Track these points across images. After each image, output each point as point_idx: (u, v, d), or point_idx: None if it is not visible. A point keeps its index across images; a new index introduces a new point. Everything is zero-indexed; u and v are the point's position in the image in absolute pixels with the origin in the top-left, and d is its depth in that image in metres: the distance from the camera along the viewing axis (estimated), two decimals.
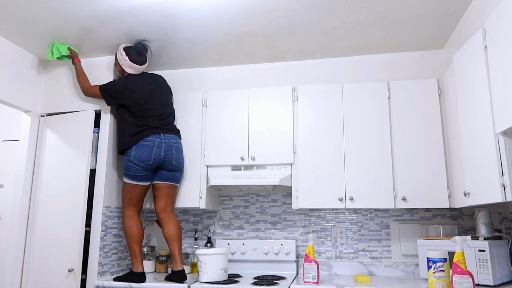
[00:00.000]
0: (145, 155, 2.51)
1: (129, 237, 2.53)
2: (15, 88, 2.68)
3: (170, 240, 2.50)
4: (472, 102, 1.97)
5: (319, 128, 2.65)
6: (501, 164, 1.71)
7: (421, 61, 2.82)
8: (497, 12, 1.69)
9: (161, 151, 2.54)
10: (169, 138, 2.60)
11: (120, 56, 2.65)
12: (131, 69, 2.68)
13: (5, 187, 3.30)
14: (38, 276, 2.56)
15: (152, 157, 2.52)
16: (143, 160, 2.51)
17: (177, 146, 2.63)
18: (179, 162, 2.63)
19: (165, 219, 2.56)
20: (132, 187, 2.57)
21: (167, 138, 2.58)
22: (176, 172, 2.64)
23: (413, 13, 2.33)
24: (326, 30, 2.54)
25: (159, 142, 2.55)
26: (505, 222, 2.46)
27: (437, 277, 1.94)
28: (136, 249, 2.52)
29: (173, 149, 2.59)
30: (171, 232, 2.51)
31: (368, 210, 2.82)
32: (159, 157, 2.54)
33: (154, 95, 2.65)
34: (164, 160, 2.56)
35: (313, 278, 2.30)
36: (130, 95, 2.60)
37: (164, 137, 2.58)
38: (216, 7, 2.27)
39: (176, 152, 2.61)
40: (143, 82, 2.68)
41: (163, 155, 2.55)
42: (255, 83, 3.02)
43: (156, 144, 2.54)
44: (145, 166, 2.53)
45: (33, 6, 2.24)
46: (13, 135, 3.36)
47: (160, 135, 2.57)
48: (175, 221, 2.56)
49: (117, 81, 2.67)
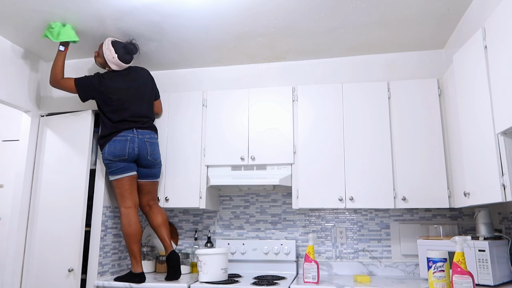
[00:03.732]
0: (118, 150, 2.50)
1: (126, 237, 2.49)
2: (15, 88, 2.68)
3: (158, 227, 2.55)
4: (472, 102, 1.97)
5: (319, 128, 2.65)
6: (501, 164, 1.70)
7: (421, 61, 2.82)
8: (497, 12, 1.69)
9: (134, 146, 2.53)
10: (143, 134, 2.58)
11: (108, 51, 2.54)
12: (116, 66, 2.60)
13: (5, 187, 3.30)
14: (38, 276, 2.56)
15: (126, 151, 2.50)
16: (118, 155, 2.50)
17: (151, 141, 2.61)
18: (154, 157, 2.62)
19: (149, 212, 2.62)
20: (118, 182, 2.53)
21: (140, 134, 2.57)
22: (153, 168, 2.64)
23: (413, 13, 2.33)
24: (326, 30, 2.54)
25: (131, 137, 2.53)
26: (505, 222, 2.46)
27: (437, 277, 1.94)
28: (135, 249, 2.49)
29: (147, 144, 2.58)
30: (157, 221, 2.56)
31: (368, 210, 2.82)
32: (133, 151, 2.52)
33: (130, 91, 2.59)
34: (138, 155, 2.55)
35: (313, 278, 2.30)
36: (105, 93, 2.53)
37: (137, 132, 2.56)
38: (216, 7, 2.27)
39: (151, 147, 2.60)
40: (121, 79, 2.60)
41: (137, 149, 2.53)
42: (255, 83, 3.02)
43: (129, 139, 2.52)
44: (120, 160, 2.52)
45: (33, 6, 2.24)
46: (13, 135, 3.36)
47: (133, 131, 2.55)
48: (159, 211, 2.62)
49: (93, 78, 2.57)
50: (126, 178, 2.54)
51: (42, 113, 2.87)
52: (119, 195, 2.54)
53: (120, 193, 2.54)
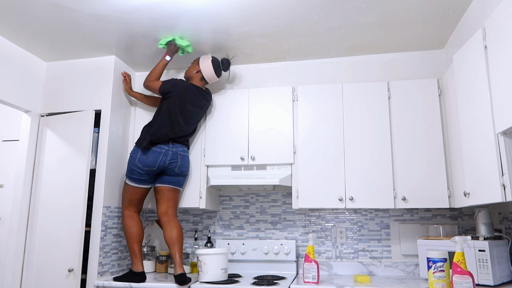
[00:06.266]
0: (150, 161, 2.53)
1: (129, 236, 2.54)
2: (15, 88, 2.68)
3: (171, 244, 2.48)
4: (472, 102, 1.97)
5: (319, 128, 2.65)
6: (501, 164, 1.70)
7: (421, 61, 2.82)
8: (497, 12, 1.69)
9: (167, 159, 2.56)
10: (177, 147, 2.61)
11: (206, 65, 2.70)
12: (208, 78, 2.74)
13: (5, 187, 3.30)
14: (38, 276, 2.56)
15: (157, 164, 2.54)
16: (148, 165, 2.53)
17: (183, 154, 2.63)
18: (182, 170, 2.62)
19: (166, 223, 2.55)
20: (133, 189, 2.59)
21: (175, 147, 2.60)
22: (178, 176, 2.63)
23: (413, 13, 2.33)
24: (326, 30, 2.54)
25: (166, 150, 2.56)
26: (505, 222, 2.46)
27: (437, 277, 1.94)
28: (136, 248, 2.52)
29: (179, 157, 2.60)
30: (172, 236, 2.49)
31: (368, 210, 2.82)
32: (164, 164, 2.55)
33: (194, 113, 2.67)
34: (167, 167, 2.57)
35: (313, 278, 2.30)
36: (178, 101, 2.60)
37: (173, 146, 2.60)
38: (216, 7, 2.27)
39: (181, 160, 2.61)
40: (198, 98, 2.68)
41: (168, 162, 2.56)
42: (255, 83, 3.02)
43: (163, 152, 2.55)
44: (148, 171, 2.55)
45: (33, 6, 2.24)
46: (13, 135, 3.36)
47: (169, 144, 2.59)
48: (176, 225, 2.54)
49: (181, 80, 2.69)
50: (142, 189, 2.61)
51: (42, 113, 2.87)
52: (128, 200, 2.60)
53: (129, 199, 2.60)
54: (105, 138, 2.70)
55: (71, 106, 2.82)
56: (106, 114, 2.74)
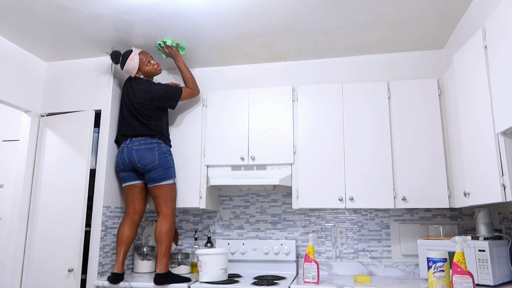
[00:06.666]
0: (116, 161, 2.68)
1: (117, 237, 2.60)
2: (15, 88, 2.68)
3: (156, 240, 2.52)
4: (472, 102, 1.97)
5: (319, 128, 2.65)
6: (501, 164, 1.70)
7: (421, 61, 2.82)
8: (497, 12, 1.69)
9: (124, 155, 2.60)
10: (133, 142, 2.60)
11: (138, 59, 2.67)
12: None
13: (5, 187, 3.29)
14: (38, 276, 2.56)
15: (120, 162, 2.63)
16: (116, 165, 2.69)
17: (138, 148, 2.57)
18: (143, 163, 2.55)
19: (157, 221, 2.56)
20: (124, 189, 2.70)
21: (131, 143, 2.61)
22: (149, 172, 2.56)
23: (413, 13, 2.33)
24: (326, 30, 2.54)
25: (122, 147, 2.63)
26: (505, 222, 2.46)
27: (437, 277, 1.94)
28: (117, 249, 2.54)
29: (133, 152, 2.57)
30: (156, 233, 2.51)
31: (368, 210, 2.82)
32: (125, 161, 2.60)
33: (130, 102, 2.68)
34: (131, 163, 2.59)
35: (313, 278, 2.30)
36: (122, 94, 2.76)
37: (130, 142, 2.61)
38: (216, 7, 2.27)
39: (137, 154, 2.56)
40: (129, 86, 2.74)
41: (127, 159, 2.59)
42: (255, 83, 3.02)
43: (121, 149, 2.64)
44: (119, 170, 2.65)
45: (33, 6, 2.24)
46: (13, 135, 3.36)
47: (127, 141, 2.63)
48: (160, 222, 2.51)
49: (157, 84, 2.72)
50: (126, 188, 2.67)
51: (42, 113, 2.87)
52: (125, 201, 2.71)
53: (125, 200, 2.71)
54: (105, 138, 2.70)
55: (71, 106, 2.82)
56: (106, 114, 2.74)
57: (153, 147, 2.60)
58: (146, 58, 2.68)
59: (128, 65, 2.65)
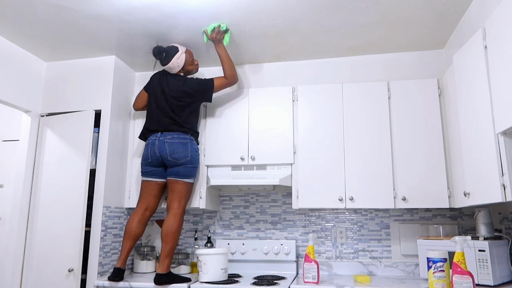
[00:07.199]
0: (144, 154, 2.62)
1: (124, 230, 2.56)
2: (15, 88, 2.68)
3: (161, 239, 2.46)
4: (472, 102, 1.97)
5: (319, 128, 2.65)
6: (501, 164, 1.71)
7: (421, 61, 2.82)
8: (497, 12, 1.69)
9: (155, 148, 2.56)
10: (165, 135, 2.58)
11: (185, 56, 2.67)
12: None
13: (5, 187, 3.30)
14: (38, 276, 2.56)
15: (149, 155, 2.58)
16: (143, 158, 2.63)
17: (171, 141, 2.56)
18: (174, 157, 2.54)
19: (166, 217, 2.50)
20: (142, 183, 2.65)
21: (163, 136, 2.58)
22: (178, 166, 2.55)
23: (413, 13, 2.33)
24: (326, 30, 2.54)
25: (153, 140, 2.59)
26: (505, 222, 2.46)
27: (437, 277, 1.94)
28: (123, 244, 2.52)
29: (166, 145, 2.55)
30: (162, 231, 2.46)
31: (368, 210, 2.82)
32: (155, 154, 2.56)
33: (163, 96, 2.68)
34: (161, 156, 2.55)
35: (313, 278, 2.30)
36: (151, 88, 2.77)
37: (161, 135, 2.59)
38: (216, 7, 2.27)
39: (170, 148, 2.54)
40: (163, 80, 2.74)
41: (158, 152, 2.55)
42: (255, 83, 3.02)
43: (151, 142, 2.59)
44: (147, 163, 2.61)
45: (33, 7, 2.24)
46: (13, 135, 3.36)
47: (157, 134, 2.60)
48: (168, 221, 2.46)
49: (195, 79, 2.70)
50: (146, 183, 2.63)
51: (42, 113, 2.87)
52: (139, 194, 2.66)
53: (140, 193, 2.66)
54: (105, 138, 2.70)
55: (71, 106, 2.82)
56: (106, 114, 2.74)
57: (187, 143, 2.59)
58: (191, 57, 2.71)
59: (173, 63, 2.62)
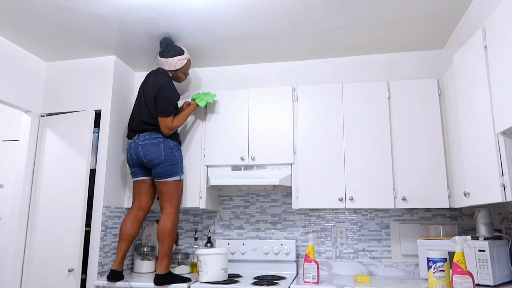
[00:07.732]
0: (127, 157, 2.67)
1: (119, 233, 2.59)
2: (15, 88, 2.68)
3: (157, 239, 2.50)
4: (472, 102, 1.97)
5: (319, 128, 2.65)
6: (501, 164, 1.70)
7: (421, 61, 2.82)
8: (497, 12, 1.69)
9: (132, 151, 2.59)
10: (139, 137, 2.59)
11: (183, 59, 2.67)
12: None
13: (5, 187, 3.30)
14: (38, 276, 2.56)
15: (129, 158, 2.63)
16: (127, 161, 2.67)
17: (143, 143, 2.54)
18: (148, 158, 2.51)
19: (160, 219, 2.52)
20: (133, 184, 2.68)
21: (138, 138, 2.59)
22: (155, 167, 2.52)
23: (413, 13, 2.33)
24: (326, 30, 2.54)
25: (130, 143, 2.63)
26: (505, 222, 2.46)
27: (437, 277, 1.94)
28: (118, 245, 2.54)
29: (139, 147, 2.55)
30: (158, 232, 2.47)
31: (368, 210, 2.82)
32: (132, 157, 2.59)
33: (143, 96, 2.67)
34: (138, 159, 2.57)
35: (313, 278, 2.30)
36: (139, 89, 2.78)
37: (137, 137, 2.60)
38: (216, 7, 2.27)
39: (143, 149, 2.53)
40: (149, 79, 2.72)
41: (135, 155, 2.57)
42: (255, 83, 3.02)
43: (129, 145, 2.63)
44: (130, 165, 2.65)
45: (33, 6, 2.24)
46: (13, 135, 3.36)
47: (134, 137, 2.62)
48: (162, 221, 2.46)
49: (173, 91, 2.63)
50: (135, 183, 2.66)
51: (42, 113, 2.87)
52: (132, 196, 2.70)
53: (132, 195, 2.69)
54: (105, 138, 2.70)
55: (71, 106, 2.82)
56: (106, 114, 2.74)
57: (158, 142, 2.55)
58: (188, 68, 2.74)
59: (172, 60, 2.62)
